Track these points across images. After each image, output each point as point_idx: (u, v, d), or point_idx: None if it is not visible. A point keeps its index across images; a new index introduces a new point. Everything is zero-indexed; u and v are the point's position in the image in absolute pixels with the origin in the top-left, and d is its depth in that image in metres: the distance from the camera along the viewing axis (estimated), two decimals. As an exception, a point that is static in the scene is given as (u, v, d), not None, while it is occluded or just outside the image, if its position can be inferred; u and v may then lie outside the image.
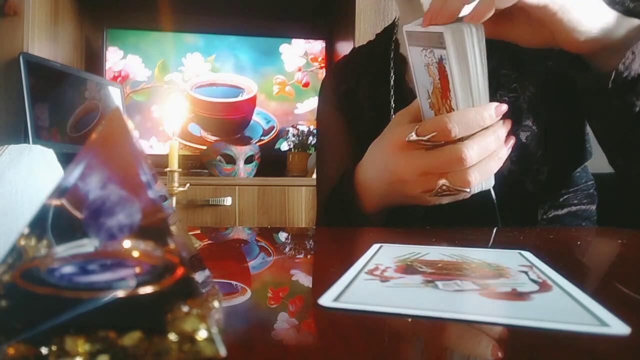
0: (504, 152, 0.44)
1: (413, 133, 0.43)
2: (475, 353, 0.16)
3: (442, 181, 0.42)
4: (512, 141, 0.44)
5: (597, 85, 0.45)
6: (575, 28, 0.41)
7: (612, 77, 0.43)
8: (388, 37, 0.72)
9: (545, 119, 0.59)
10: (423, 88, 0.44)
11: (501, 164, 0.44)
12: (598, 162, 0.59)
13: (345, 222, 0.54)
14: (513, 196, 0.59)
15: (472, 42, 0.39)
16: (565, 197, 0.62)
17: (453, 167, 0.42)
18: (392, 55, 0.69)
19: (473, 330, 0.17)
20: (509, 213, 0.60)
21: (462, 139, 0.41)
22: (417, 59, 0.43)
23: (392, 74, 0.66)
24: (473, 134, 0.41)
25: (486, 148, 0.41)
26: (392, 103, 0.65)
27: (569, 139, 0.61)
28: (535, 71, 0.60)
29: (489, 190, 0.57)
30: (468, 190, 0.43)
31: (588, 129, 0.64)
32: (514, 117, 0.59)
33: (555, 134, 0.59)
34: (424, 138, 0.42)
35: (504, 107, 0.41)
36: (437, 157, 0.42)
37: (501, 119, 0.43)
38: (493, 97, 0.43)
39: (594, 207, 0.66)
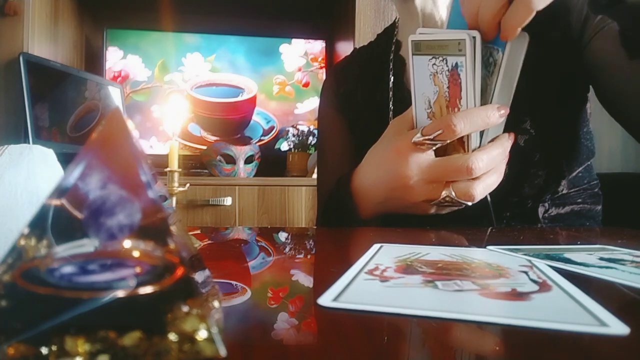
0: (504, 167, 0.44)
1: (419, 133, 0.43)
2: (475, 353, 0.16)
3: (447, 192, 0.43)
4: (507, 157, 0.45)
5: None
6: None
7: None
8: (388, 37, 0.72)
9: (543, 122, 0.58)
10: (423, 98, 0.44)
11: (501, 179, 0.45)
12: (603, 161, 0.59)
13: (341, 227, 0.54)
14: (511, 199, 0.59)
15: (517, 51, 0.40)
16: (566, 195, 0.61)
17: (460, 177, 0.42)
18: (391, 57, 0.69)
19: (473, 330, 0.17)
20: (509, 213, 0.60)
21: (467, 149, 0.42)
22: (422, 68, 0.42)
23: (390, 76, 0.66)
24: (481, 147, 0.42)
25: (493, 160, 0.42)
26: (390, 105, 0.65)
27: (567, 140, 0.61)
28: (532, 72, 0.59)
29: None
30: (470, 203, 0.43)
31: (592, 128, 0.64)
32: (511, 120, 0.59)
33: (553, 137, 0.58)
34: (430, 137, 0.42)
35: (507, 110, 0.42)
36: (445, 165, 0.42)
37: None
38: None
39: (599, 207, 0.65)
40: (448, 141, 0.42)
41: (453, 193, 0.43)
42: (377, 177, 0.49)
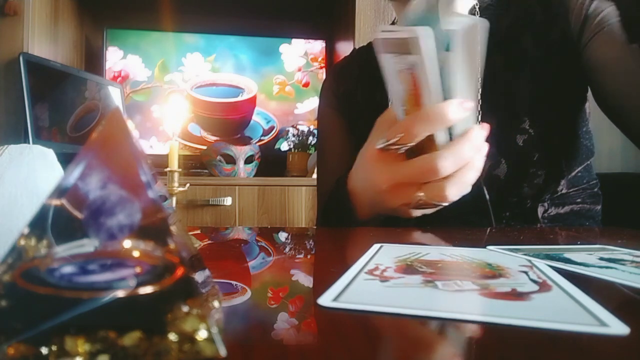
0: (481, 161, 0.41)
1: (383, 139, 0.41)
2: (475, 353, 0.16)
3: (419, 194, 0.41)
4: (486, 148, 0.42)
5: None
6: None
7: None
8: None
9: (542, 121, 0.58)
10: (397, 96, 0.42)
11: (479, 174, 0.41)
12: (603, 161, 0.59)
13: (341, 227, 0.54)
14: (510, 199, 0.59)
15: (473, 40, 0.38)
16: (565, 194, 0.61)
17: (428, 178, 0.40)
18: None
19: (473, 330, 0.17)
20: (509, 213, 0.60)
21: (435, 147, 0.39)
22: (389, 67, 0.41)
23: None
24: (449, 144, 0.39)
25: (461, 157, 0.39)
26: (390, 105, 0.66)
27: (566, 140, 0.61)
28: (531, 72, 0.59)
29: (483, 193, 0.57)
30: (445, 204, 0.41)
31: (592, 128, 0.64)
32: (510, 120, 0.59)
33: (552, 136, 0.58)
34: (391, 142, 0.40)
35: (470, 104, 0.39)
36: (411, 167, 0.41)
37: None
38: (489, 99, 0.42)
39: (598, 207, 0.65)
40: (411, 144, 0.40)
41: (424, 195, 0.41)
42: (361, 182, 0.49)
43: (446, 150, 0.39)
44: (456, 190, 0.40)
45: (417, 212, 0.45)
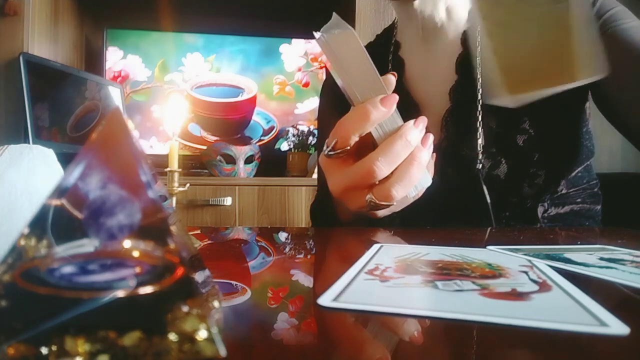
0: (424, 154, 0.40)
1: (325, 146, 0.42)
2: (475, 353, 0.16)
3: (368, 197, 0.41)
4: (430, 139, 0.41)
5: None
6: None
7: None
8: (387, 38, 0.72)
9: (542, 122, 0.58)
10: (346, 97, 0.43)
11: (424, 168, 0.41)
12: (603, 161, 0.59)
13: (328, 227, 0.54)
14: (511, 198, 0.59)
15: (346, 46, 0.38)
16: (565, 194, 0.61)
17: (369, 181, 0.40)
18: (390, 57, 0.69)
19: (473, 330, 0.17)
20: (509, 213, 0.60)
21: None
22: (330, 69, 0.41)
23: None
24: (380, 145, 0.39)
25: (395, 156, 0.38)
26: None
27: (566, 140, 0.61)
28: None
29: (483, 192, 0.56)
30: (394, 203, 0.40)
31: (591, 127, 0.64)
32: (510, 120, 0.59)
33: (553, 137, 0.58)
34: (329, 148, 0.41)
35: (393, 98, 0.39)
36: (354, 172, 0.40)
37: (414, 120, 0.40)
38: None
39: (598, 207, 0.65)
40: (348, 148, 0.40)
41: (373, 197, 0.40)
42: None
43: (378, 151, 0.39)
44: (402, 188, 0.39)
45: (381, 212, 0.45)
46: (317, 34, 0.38)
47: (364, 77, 0.39)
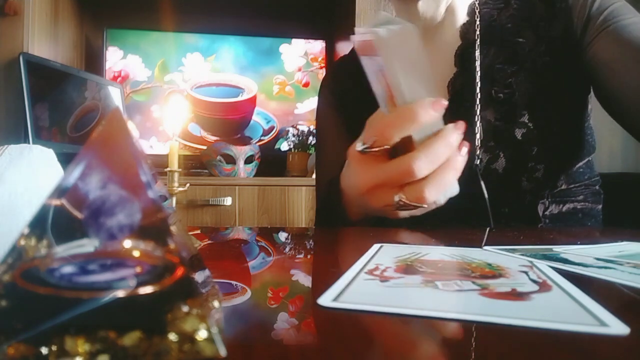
0: (460, 160, 0.40)
1: (361, 142, 0.41)
2: (475, 353, 0.16)
3: (398, 196, 0.40)
4: (465, 148, 0.41)
5: None
6: None
7: None
8: None
9: (541, 115, 0.58)
10: (379, 96, 0.42)
11: (459, 174, 0.41)
12: (603, 161, 0.59)
13: (336, 226, 0.53)
14: (509, 194, 0.59)
15: (405, 43, 0.37)
16: (566, 190, 0.61)
17: (404, 179, 0.39)
18: None
19: (473, 330, 0.17)
20: (508, 210, 0.60)
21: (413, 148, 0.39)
22: (367, 68, 0.41)
23: None
24: (422, 144, 0.39)
25: (436, 157, 0.38)
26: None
27: (566, 135, 0.60)
28: (531, 66, 0.59)
29: (481, 189, 0.56)
30: (425, 205, 0.40)
31: (591, 123, 0.64)
32: (509, 114, 0.59)
33: (552, 131, 0.58)
34: (367, 145, 0.41)
35: (443, 103, 0.39)
36: (389, 169, 0.40)
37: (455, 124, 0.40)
38: (488, 94, 0.42)
39: (599, 207, 0.65)
40: (387, 146, 0.40)
41: (404, 197, 0.40)
42: (348, 183, 0.48)
43: (420, 150, 0.38)
44: (435, 191, 0.39)
45: (404, 213, 0.44)
46: (361, 29, 0.38)
47: (417, 77, 0.39)
